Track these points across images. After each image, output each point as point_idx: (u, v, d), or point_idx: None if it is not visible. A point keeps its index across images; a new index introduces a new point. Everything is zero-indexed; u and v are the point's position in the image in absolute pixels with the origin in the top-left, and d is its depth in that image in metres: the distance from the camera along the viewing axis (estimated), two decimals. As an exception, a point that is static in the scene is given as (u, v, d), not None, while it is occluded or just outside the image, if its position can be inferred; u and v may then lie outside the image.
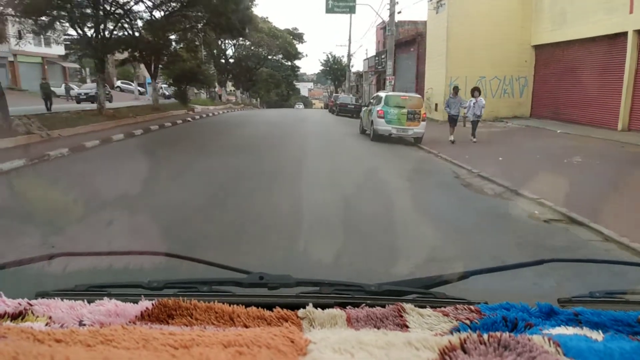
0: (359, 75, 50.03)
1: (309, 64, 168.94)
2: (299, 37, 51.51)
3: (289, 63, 54.71)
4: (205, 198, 6.07)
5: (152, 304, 0.87)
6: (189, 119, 22.10)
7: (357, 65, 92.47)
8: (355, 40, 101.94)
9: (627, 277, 1.73)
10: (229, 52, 45.32)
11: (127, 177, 7.47)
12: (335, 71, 58.03)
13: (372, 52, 41.68)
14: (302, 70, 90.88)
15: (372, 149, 13.00)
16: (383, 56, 32.05)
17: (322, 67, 60.25)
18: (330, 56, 59.29)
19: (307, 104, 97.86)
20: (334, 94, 40.31)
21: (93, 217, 4.74)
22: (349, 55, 45.70)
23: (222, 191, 6.59)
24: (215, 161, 9.42)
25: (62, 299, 0.89)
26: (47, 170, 8.30)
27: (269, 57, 48.34)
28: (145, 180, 6.97)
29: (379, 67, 32.85)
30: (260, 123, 22.11)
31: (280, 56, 50.05)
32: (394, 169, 9.70)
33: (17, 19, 14.43)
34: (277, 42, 42.48)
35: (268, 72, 60.48)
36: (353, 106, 28.99)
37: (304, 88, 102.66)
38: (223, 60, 42.44)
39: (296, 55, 50.48)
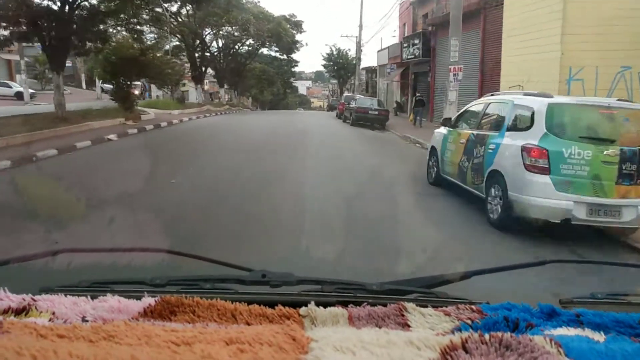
0: (370, 70, 40.58)
1: (308, 62, 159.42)
2: (297, 26, 41.92)
3: (285, 57, 44.77)
4: None
5: (155, 301, 0.89)
6: (112, 137, 14.08)
7: (366, 60, 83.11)
8: (366, 27, 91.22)
9: (629, 278, 1.52)
10: (213, 43, 35.42)
11: None
12: (340, 66, 48.30)
13: (391, 40, 32.18)
14: (300, 68, 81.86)
15: None
16: (416, 41, 22.58)
17: (324, 62, 50.77)
18: (334, 49, 49.77)
19: (305, 102, 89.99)
20: (345, 95, 30.57)
21: None
22: (359, 45, 36.17)
23: None
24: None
25: (65, 295, 0.91)
26: None
27: (259, 45, 38.61)
28: None
29: (409, 57, 23.53)
30: (225, 147, 13.26)
31: (274, 46, 40.20)
32: None
33: None
34: (268, 26, 32.64)
35: (261, 67, 50.66)
36: (376, 112, 19.50)
37: (302, 86, 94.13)
38: (199, 51, 32.49)
39: (293, 45, 40.75)
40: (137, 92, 34.56)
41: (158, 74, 20.37)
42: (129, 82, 19.80)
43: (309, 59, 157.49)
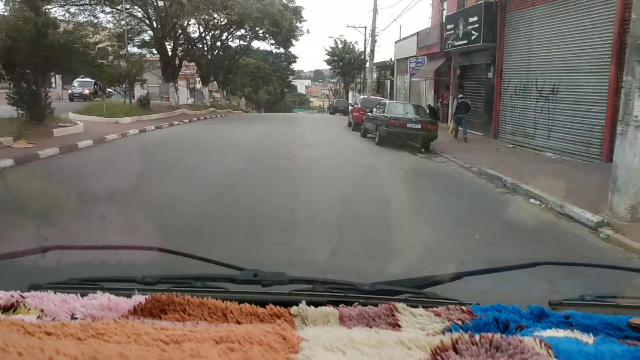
0: (385, 66, 33.38)
1: (306, 60, 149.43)
2: (296, 13, 34.72)
3: (282, 50, 37.40)
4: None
5: (145, 299, 0.89)
6: None
7: (378, 55, 76.33)
8: (381, 11, 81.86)
9: (618, 281, 1.50)
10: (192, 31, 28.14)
11: None
12: (345, 62, 41.25)
13: (415, 28, 25.02)
14: (298, 67, 75.44)
15: None
16: (472, 18, 15.36)
17: (327, 57, 43.30)
18: (339, 41, 42.38)
19: (304, 102, 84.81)
20: (360, 97, 22.56)
21: None
22: (373, 33, 28.79)
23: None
24: None
25: (54, 292, 0.90)
26: None
27: (251, 35, 31.48)
28: None
29: (457, 44, 16.15)
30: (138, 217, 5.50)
31: (269, 38, 33.00)
32: None
33: None
34: (257, 5, 25.26)
35: (255, 63, 43.76)
36: (419, 126, 12.31)
37: (300, 85, 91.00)
38: (172, 39, 25.17)
39: (291, 34, 33.37)
40: (87, 91, 27.28)
41: (82, 64, 13.08)
42: (35, 77, 12.58)
43: (308, 58, 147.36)
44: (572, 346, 0.70)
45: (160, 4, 23.58)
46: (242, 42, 35.77)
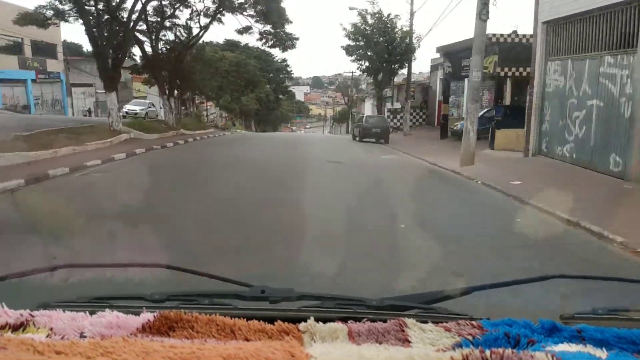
0: (449, 56, 19.51)
1: (303, 67, 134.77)
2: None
3: (270, 29, 22.50)
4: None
5: (154, 316, 0.88)
6: None
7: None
8: None
9: (631, 294, 1.51)
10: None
11: None
12: (380, 49, 25.72)
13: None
14: (295, 74, 62.43)
15: None
16: None
17: (348, 42, 27.33)
18: (368, 15, 26.44)
19: (303, 110, 75.77)
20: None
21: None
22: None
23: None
24: None
25: (63, 311, 0.90)
26: None
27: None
28: None
29: None
30: None
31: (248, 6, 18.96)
32: None
33: None
34: None
35: (234, 58, 29.97)
36: None
37: (299, 92, 79.26)
38: None
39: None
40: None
41: None
42: None
43: (304, 64, 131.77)
44: None
45: None
46: (206, 20, 21.69)
